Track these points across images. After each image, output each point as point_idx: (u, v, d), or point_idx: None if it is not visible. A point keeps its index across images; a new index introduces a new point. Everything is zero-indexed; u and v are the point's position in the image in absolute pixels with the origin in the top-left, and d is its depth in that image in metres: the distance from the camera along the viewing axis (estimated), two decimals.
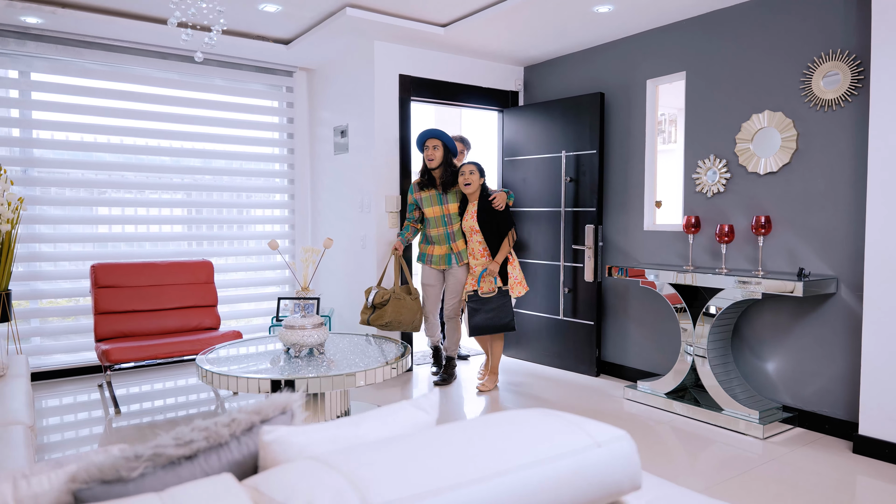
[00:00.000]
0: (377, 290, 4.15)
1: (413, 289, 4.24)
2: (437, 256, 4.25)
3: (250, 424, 1.20)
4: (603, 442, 1.16)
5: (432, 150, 4.14)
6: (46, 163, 4.48)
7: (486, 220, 4.03)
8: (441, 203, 4.19)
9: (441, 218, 4.19)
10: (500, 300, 4.02)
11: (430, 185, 4.21)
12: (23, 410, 2.51)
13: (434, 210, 4.20)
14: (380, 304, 4.08)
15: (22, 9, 3.86)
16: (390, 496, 0.90)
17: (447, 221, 4.19)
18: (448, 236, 4.20)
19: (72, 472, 0.98)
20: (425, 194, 4.22)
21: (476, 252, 4.13)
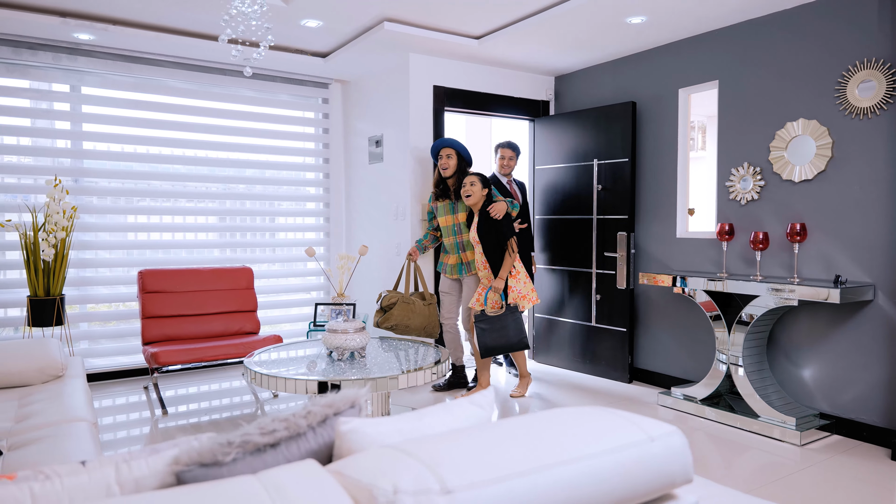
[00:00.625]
0: (387, 293, 4.19)
1: (429, 294, 4.25)
2: (450, 266, 4.29)
3: (324, 416, 1.29)
4: (656, 437, 1.22)
5: (446, 158, 4.18)
6: (95, 173, 4.67)
7: (485, 231, 3.95)
8: (452, 212, 4.23)
9: (452, 227, 4.23)
10: (508, 318, 3.90)
11: (444, 194, 4.27)
12: (84, 408, 2.65)
13: (447, 219, 4.24)
14: (387, 306, 4.10)
15: (76, 26, 4.05)
16: (465, 480, 0.98)
17: (457, 231, 4.22)
18: (458, 246, 4.23)
19: (175, 456, 1.08)
20: (440, 203, 4.28)
21: (479, 263, 4.07)
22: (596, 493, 1.09)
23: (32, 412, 2.57)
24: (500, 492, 0.98)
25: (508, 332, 3.88)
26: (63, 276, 3.90)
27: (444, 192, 4.28)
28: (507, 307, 3.91)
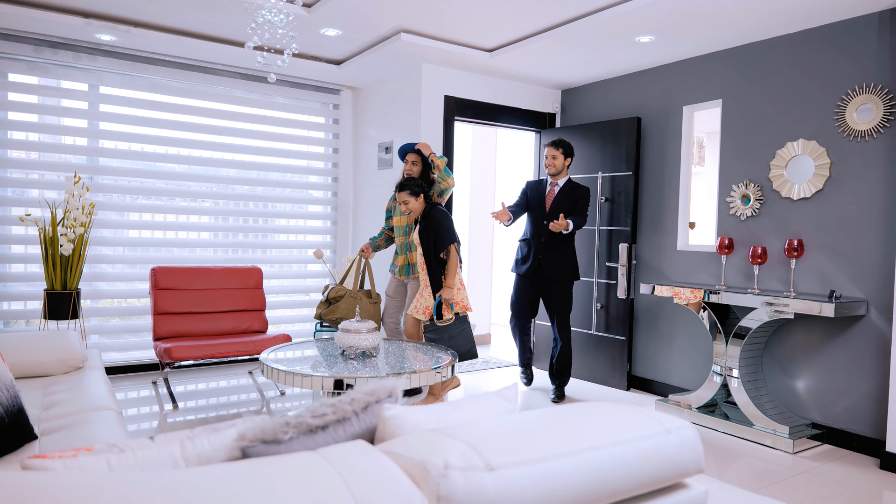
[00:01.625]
0: (335, 286, 4.21)
1: (375, 294, 4.27)
2: (398, 267, 4.28)
3: (367, 404, 1.39)
4: (672, 429, 1.33)
5: (411, 164, 4.16)
6: (111, 171, 4.77)
7: (424, 238, 3.92)
8: (408, 213, 4.21)
9: (404, 228, 4.24)
10: (458, 327, 3.82)
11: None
12: (108, 397, 2.74)
13: (400, 219, 4.26)
14: (334, 298, 4.10)
15: (99, 27, 4.16)
16: (507, 459, 1.09)
17: (408, 231, 4.22)
18: (406, 247, 4.24)
19: (241, 432, 1.19)
20: (398, 204, 4.21)
21: (419, 264, 4.03)
22: (620, 476, 1.21)
23: (58, 401, 2.66)
24: (538, 471, 1.10)
25: (458, 340, 3.81)
26: (80, 271, 3.98)
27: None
28: (457, 317, 3.84)
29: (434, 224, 3.88)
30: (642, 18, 3.65)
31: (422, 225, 3.94)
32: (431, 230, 3.88)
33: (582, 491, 1.15)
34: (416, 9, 3.74)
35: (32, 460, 1.11)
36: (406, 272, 4.25)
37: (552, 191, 4.38)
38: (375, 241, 4.43)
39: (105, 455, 1.17)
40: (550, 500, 1.10)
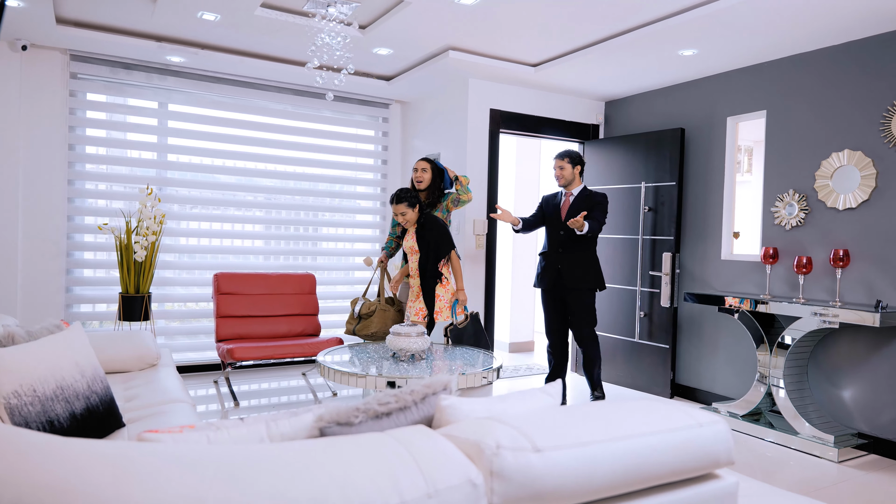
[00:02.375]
0: (363, 300, 4.32)
1: (397, 300, 4.40)
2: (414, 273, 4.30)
3: (424, 395, 1.56)
4: (704, 423, 1.45)
5: (421, 172, 4.27)
6: (177, 183, 5.10)
7: (423, 245, 4.05)
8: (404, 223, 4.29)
9: None
10: (473, 327, 4.01)
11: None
12: (182, 391, 2.99)
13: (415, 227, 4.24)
14: (366, 314, 4.23)
15: (170, 49, 4.49)
16: (551, 443, 1.23)
17: None
18: None
19: (319, 415, 1.37)
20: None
21: (413, 270, 4.14)
22: (653, 463, 1.33)
23: (137, 394, 2.92)
24: (579, 454, 1.24)
25: (478, 339, 4.00)
26: (151, 276, 4.30)
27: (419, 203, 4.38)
28: (470, 316, 4.05)
29: (434, 232, 4.03)
30: (685, 33, 3.74)
31: (419, 233, 4.07)
32: (432, 238, 4.02)
33: (618, 474, 1.29)
34: (464, 28, 3.93)
35: (147, 433, 1.31)
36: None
37: (567, 201, 4.35)
38: (389, 250, 4.59)
39: (205, 432, 1.37)
40: (589, 480, 1.24)
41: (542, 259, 4.40)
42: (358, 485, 1.07)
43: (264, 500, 1.01)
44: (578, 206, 4.24)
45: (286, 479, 1.06)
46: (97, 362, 2.36)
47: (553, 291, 4.35)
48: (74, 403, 2.11)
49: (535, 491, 1.19)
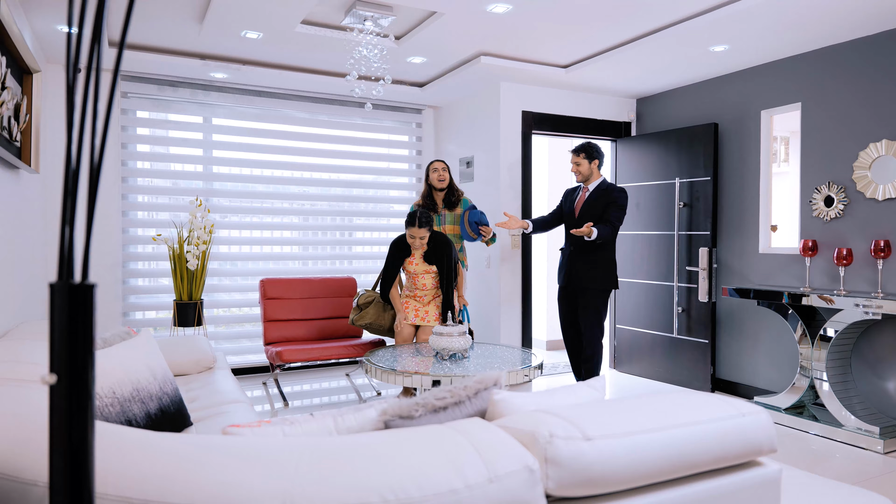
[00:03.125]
0: (365, 291, 4.42)
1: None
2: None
3: (477, 390, 1.67)
4: (746, 413, 1.53)
5: (441, 171, 4.46)
6: (222, 193, 5.31)
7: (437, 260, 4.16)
8: (439, 224, 4.54)
9: None
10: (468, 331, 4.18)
11: (431, 207, 4.53)
12: (239, 392, 3.15)
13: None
14: (364, 304, 4.32)
15: (214, 66, 4.69)
16: (601, 432, 1.33)
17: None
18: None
19: (383, 409, 1.49)
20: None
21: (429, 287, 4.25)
22: (698, 451, 1.42)
23: (198, 395, 3.09)
24: (627, 442, 1.33)
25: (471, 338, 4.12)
26: (203, 283, 4.50)
27: (432, 205, 4.54)
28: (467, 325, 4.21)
29: (448, 247, 4.17)
30: (716, 29, 3.76)
31: (428, 254, 4.17)
32: (446, 253, 4.15)
33: (664, 461, 1.37)
34: (495, 35, 4.02)
35: (231, 428, 1.45)
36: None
37: (582, 196, 4.24)
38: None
39: (280, 426, 1.50)
40: (638, 467, 1.33)
41: (561, 255, 4.36)
42: (427, 472, 1.18)
43: (345, 487, 1.13)
44: (592, 202, 4.14)
45: (363, 468, 1.18)
46: (166, 366, 2.53)
47: (567, 288, 4.27)
48: (149, 404, 2.28)
49: (586, 477, 1.29)
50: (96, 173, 0.79)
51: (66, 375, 0.80)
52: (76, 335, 0.81)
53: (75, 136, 0.78)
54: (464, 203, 4.59)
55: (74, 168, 0.78)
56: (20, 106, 3.25)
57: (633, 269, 5.34)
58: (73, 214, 0.79)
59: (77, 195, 0.79)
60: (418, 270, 4.24)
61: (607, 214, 4.06)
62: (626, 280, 5.42)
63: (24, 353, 2.20)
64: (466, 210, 4.49)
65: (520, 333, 5.15)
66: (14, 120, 3.10)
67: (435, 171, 4.49)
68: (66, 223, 0.78)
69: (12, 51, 3.04)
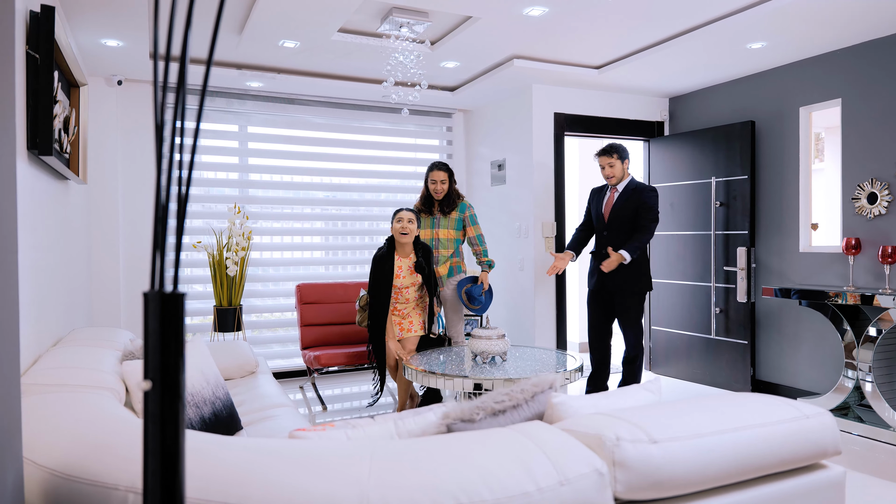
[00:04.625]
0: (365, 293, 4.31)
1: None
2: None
3: (533, 393, 1.67)
4: (810, 415, 1.51)
5: (440, 183, 4.26)
6: (258, 200, 5.39)
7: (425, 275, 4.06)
8: (433, 227, 4.36)
9: (430, 242, 4.33)
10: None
11: (428, 209, 4.36)
12: (283, 396, 3.20)
13: (426, 233, 4.35)
14: (366, 305, 4.23)
15: (250, 76, 4.77)
16: (667, 435, 1.33)
17: (434, 245, 4.34)
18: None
19: (445, 412, 1.51)
20: (423, 216, 4.36)
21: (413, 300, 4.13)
22: (764, 453, 1.40)
23: (244, 400, 3.14)
24: (694, 445, 1.33)
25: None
26: (242, 289, 4.58)
27: (429, 207, 4.36)
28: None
29: (430, 254, 4.09)
30: (753, 27, 3.72)
31: (418, 257, 4.02)
32: (429, 262, 4.05)
33: (730, 464, 1.36)
34: (530, 38, 4.02)
35: (297, 431, 1.48)
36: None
37: (611, 197, 4.11)
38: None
39: (343, 429, 1.52)
40: (705, 470, 1.33)
41: (592, 259, 4.24)
42: (498, 474, 1.19)
43: (418, 489, 1.15)
44: (622, 203, 4.02)
45: (434, 470, 1.19)
46: (217, 371, 2.58)
47: (600, 293, 4.16)
48: (203, 408, 2.32)
49: (654, 480, 1.28)
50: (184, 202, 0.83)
51: (159, 381, 0.82)
52: (168, 341, 0.84)
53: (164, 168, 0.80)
54: (461, 207, 4.38)
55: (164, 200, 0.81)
56: (69, 119, 3.34)
57: (669, 270, 5.29)
58: (164, 238, 0.83)
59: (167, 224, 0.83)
60: (405, 283, 4.07)
61: (641, 220, 3.95)
62: (662, 281, 5.37)
63: (72, 359, 2.26)
64: (466, 284, 4.35)
65: (554, 335, 5.14)
66: (64, 132, 3.19)
67: (434, 182, 4.28)
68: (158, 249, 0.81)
69: (62, 65, 3.13)
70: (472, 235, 4.42)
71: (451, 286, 4.40)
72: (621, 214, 4.02)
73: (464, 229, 4.43)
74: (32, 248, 2.43)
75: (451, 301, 4.43)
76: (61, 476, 1.30)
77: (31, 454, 1.38)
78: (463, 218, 4.40)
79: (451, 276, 4.42)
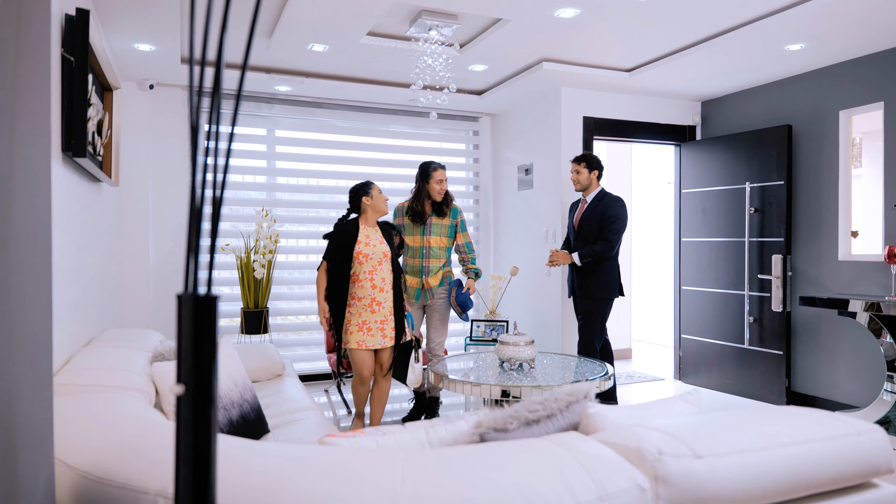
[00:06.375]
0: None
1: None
2: (411, 288, 4.15)
3: (568, 403, 1.62)
4: (862, 431, 1.43)
5: (445, 182, 4.10)
6: (285, 203, 5.42)
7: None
8: (424, 234, 4.12)
9: (421, 249, 4.13)
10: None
11: (419, 217, 4.10)
12: (308, 399, 3.18)
13: (415, 240, 4.14)
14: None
15: (279, 80, 4.80)
16: (709, 450, 1.27)
17: (425, 254, 4.13)
18: (422, 270, 4.12)
19: (479, 420, 1.47)
20: (408, 221, 4.16)
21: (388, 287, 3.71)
22: (812, 471, 1.34)
23: (270, 402, 3.14)
24: (740, 460, 1.27)
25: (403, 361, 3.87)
26: (269, 291, 4.59)
27: (421, 213, 4.09)
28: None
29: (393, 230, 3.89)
30: (792, 27, 3.62)
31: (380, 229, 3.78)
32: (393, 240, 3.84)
33: (777, 481, 1.30)
34: (559, 40, 3.97)
35: (327, 438, 1.45)
36: (416, 296, 4.15)
37: (581, 208, 4.27)
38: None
39: (374, 437, 1.49)
40: (750, 487, 1.27)
41: (568, 268, 4.42)
42: (534, 486, 1.15)
43: (452, 500, 1.11)
44: (588, 215, 4.17)
45: (469, 481, 1.15)
46: (245, 373, 2.58)
47: (574, 300, 4.36)
48: (231, 411, 2.32)
49: (698, 497, 1.23)
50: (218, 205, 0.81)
51: (192, 385, 0.80)
52: (202, 345, 0.81)
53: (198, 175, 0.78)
54: (454, 212, 4.21)
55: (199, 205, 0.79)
56: (102, 122, 3.39)
57: (700, 277, 5.17)
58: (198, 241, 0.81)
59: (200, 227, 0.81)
60: (375, 253, 3.57)
61: (605, 231, 4.10)
62: (691, 288, 5.25)
63: (105, 360, 2.27)
64: (453, 288, 4.22)
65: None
66: (97, 135, 3.23)
67: (440, 182, 4.04)
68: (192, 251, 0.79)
69: (96, 69, 3.18)
70: (461, 242, 4.24)
71: (442, 296, 4.20)
72: (589, 226, 4.18)
73: (454, 236, 4.24)
74: (66, 248, 2.45)
75: (442, 311, 4.22)
76: (91, 478, 1.29)
77: (62, 455, 1.38)
78: (455, 224, 4.22)
79: (442, 285, 4.19)
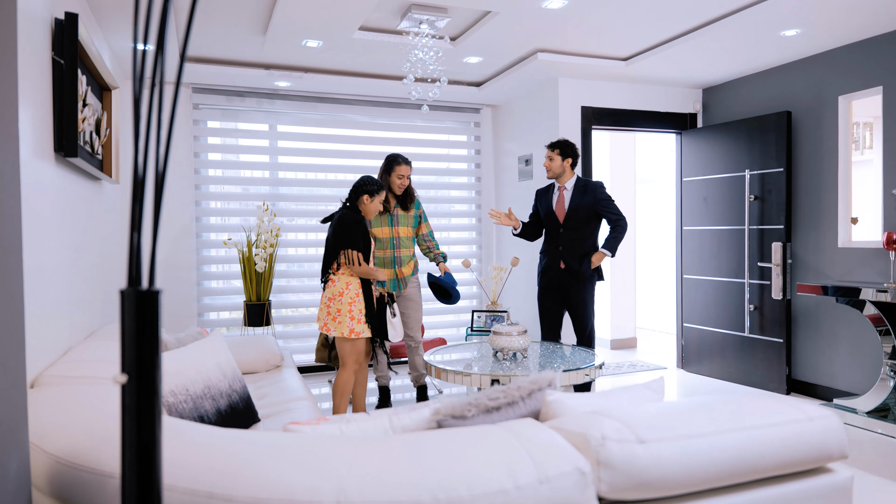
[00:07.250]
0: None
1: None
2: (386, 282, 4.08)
3: (531, 391, 1.66)
4: (814, 417, 1.46)
5: (407, 178, 4.11)
6: (287, 197, 5.49)
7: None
8: (392, 225, 4.16)
9: (391, 240, 4.16)
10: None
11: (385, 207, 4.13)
12: (304, 390, 3.26)
13: (384, 231, 4.16)
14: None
15: (278, 76, 4.85)
16: (656, 435, 1.30)
17: (395, 244, 4.16)
18: (394, 260, 4.17)
19: (436, 409, 1.51)
20: (379, 215, 4.16)
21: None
22: (758, 456, 1.36)
23: (266, 393, 3.22)
24: (683, 446, 1.30)
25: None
26: (271, 284, 4.67)
27: (385, 204, 4.12)
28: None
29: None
30: (787, 12, 3.59)
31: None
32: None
33: (723, 466, 1.33)
34: (552, 31, 3.98)
35: (290, 425, 1.51)
36: (394, 286, 4.18)
37: (561, 196, 4.10)
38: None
39: (337, 424, 1.55)
40: (694, 471, 1.30)
41: (543, 258, 4.21)
42: (478, 471, 1.19)
43: (397, 485, 1.16)
44: (577, 201, 4.04)
45: (415, 466, 1.20)
46: (235, 365, 2.65)
47: (554, 291, 4.17)
48: (219, 401, 2.39)
49: (640, 480, 1.26)
50: (160, 181, 0.83)
51: (135, 375, 0.85)
52: (144, 337, 0.86)
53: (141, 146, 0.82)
54: (417, 203, 4.26)
55: (141, 176, 0.83)
56: (100, 121, 3.47)
57: (700, 266, 5.16)
58: (140, 222, 0.84)
59: (143, 203, 0.84)
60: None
61: (607, 214, 4.03)
62: (693, 277, 5.24)
63: (99, 353, 2.35)
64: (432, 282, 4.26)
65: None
66: (95, 134, 3.32)
67: (401, 177, 4.10)
68: (135, 229, 0.83)
69: (92, 69, 3.25)
70: (425, 232, 4.31)
71: (415, 285, 4.27)
72: (579, 212, 4.04)
73: (418, 226, 4.30)
74: (62, 246, 2.53)
75: (415, 298, 4.28)
76: (66, 464, 1.36)
77: (40, 442, 1.45)
78: (419, 214, 4.28)
79: (413, 274, 4.28)
